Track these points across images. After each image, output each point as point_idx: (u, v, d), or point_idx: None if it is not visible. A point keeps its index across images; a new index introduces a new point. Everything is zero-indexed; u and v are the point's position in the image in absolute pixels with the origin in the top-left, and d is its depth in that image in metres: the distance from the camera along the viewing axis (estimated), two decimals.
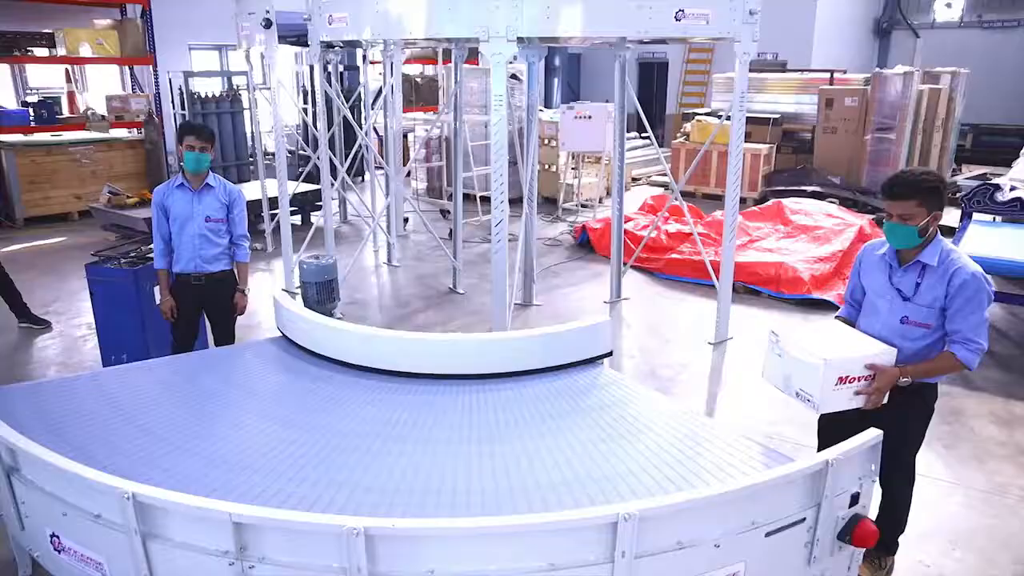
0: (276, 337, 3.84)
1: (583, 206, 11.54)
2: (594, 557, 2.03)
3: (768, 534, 2.21)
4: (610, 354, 3.52)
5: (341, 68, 13.51)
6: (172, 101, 11.78)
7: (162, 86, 11.54)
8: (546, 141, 12.21)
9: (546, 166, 12.24)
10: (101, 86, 12.51)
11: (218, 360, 3.63)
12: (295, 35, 7.44)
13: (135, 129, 11.23)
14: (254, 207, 9.58)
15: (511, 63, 5.36)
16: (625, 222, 9.40)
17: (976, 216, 7.26)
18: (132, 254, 5.20)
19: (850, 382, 2.70)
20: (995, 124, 16.02)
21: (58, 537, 2.38)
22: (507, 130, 5.51)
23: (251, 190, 10.11)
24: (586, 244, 9.25)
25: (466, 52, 7.01)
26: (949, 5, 18.47)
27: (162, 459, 2.72)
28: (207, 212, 4.29)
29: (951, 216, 9.79)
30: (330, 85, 13.78)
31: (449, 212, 11.14)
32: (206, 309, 4.49)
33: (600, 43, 6.66)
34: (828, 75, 13.07)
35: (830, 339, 2.89)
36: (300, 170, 13.23)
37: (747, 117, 13.12)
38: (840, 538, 2.34)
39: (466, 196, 10.71)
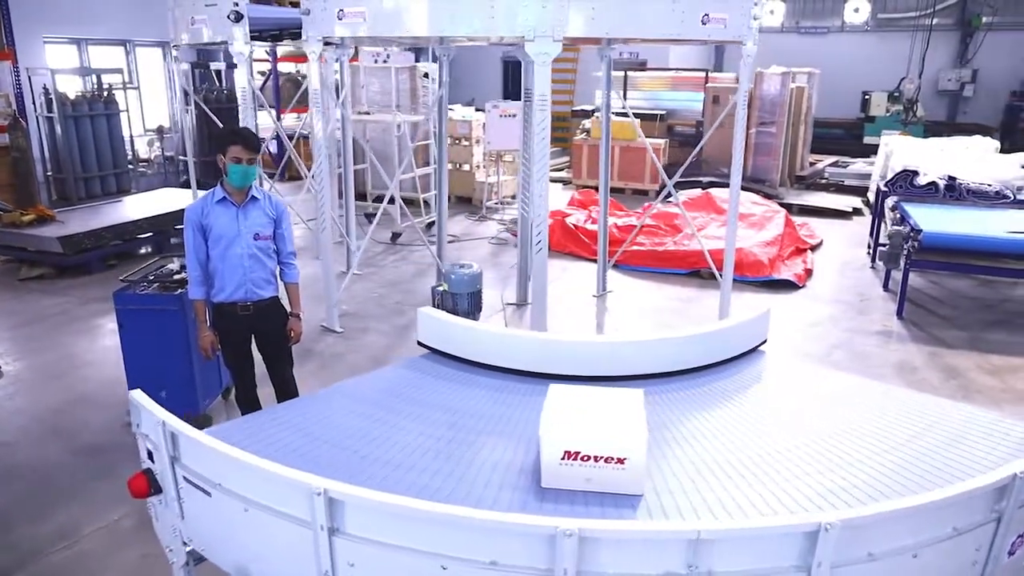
0: (427, 354, 3.58)
1: (502, 204, 11.63)
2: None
3: None
4: (765, 341, 3.71)
5: (224, 67, 12.53)
6: (34, 102, 10.21)
7: (22, 85, 9.95)
8: (457, 140, 12.13)
9: (458, 165, 12.16)
10: None
11: (394, 382, 3.33)
12: (256, 30, 6.77)
13: None
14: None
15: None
16: (563, 218, 9.69)
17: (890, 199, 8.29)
18: (152, 277, 4.56)
19: (583, 461, 2.42)
20: (820, 118, 18.24)
21: None
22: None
23: (159, 202, 9.10)
24: None
25: (453, 52, 6.83)
26: (772, 12, 20.68)
27: (412, 485, 2.52)
28: (255, 229, 3.76)
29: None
30: (219, 84, 12.70)
31: (374, 215, 10.74)
32: (256, 342, 3.96)
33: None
34: (703, 73, 14.21)
35: (596, 409, 2.58)
36: (183, 177, 12.14)
37: (638, 114, 13.81)
38: None
39: (386, 199, 10.39)
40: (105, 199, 9.99)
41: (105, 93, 10.78)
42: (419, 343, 3.62)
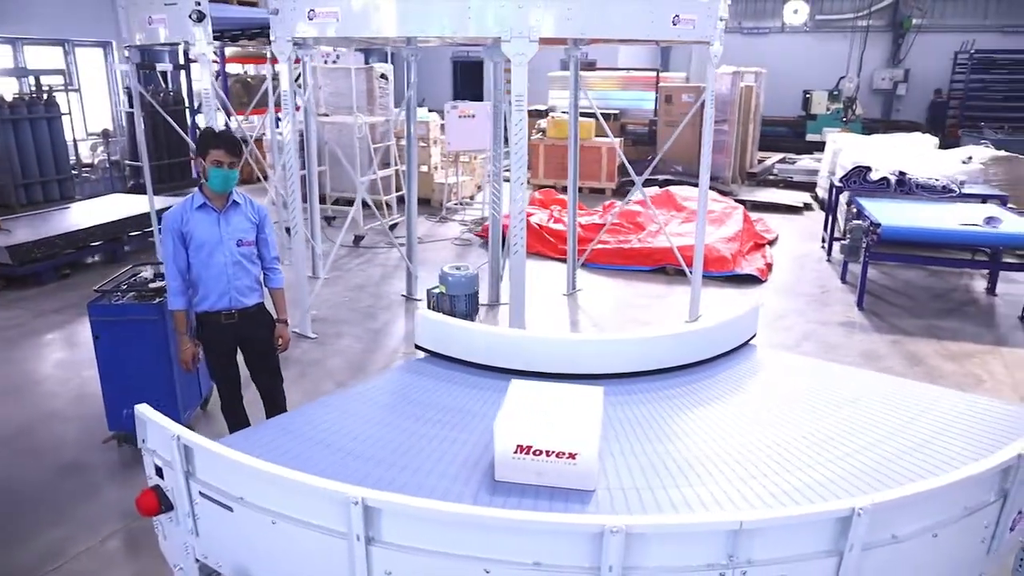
0: (426, 357, 3.54)
1: (461, 204, 11.61)
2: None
3: None
4: (755, 335, 3.80)
5: (171, 67, 12.14)
6: None
7: None
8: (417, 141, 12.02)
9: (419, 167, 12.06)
10: None
11: (393, 386, 3.29)
12: (218, 30, 6.57)
13: None
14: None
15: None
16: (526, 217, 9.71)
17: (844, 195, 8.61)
18: (126, 286, 4.39)
19: (535, 455, 2.44)
20: (765, 116, 18.75)
21: None
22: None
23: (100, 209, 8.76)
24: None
25: (420, 53, 6.77)
26: None
27: (367, 476, 2.54)
28: (238, 235, 3.67)
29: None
30: (165, 86, 12.31)
31: (334, 218, 10.60)
32: (242, 351, 3.87)
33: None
34: (654, 73, 14.44)
35: (553, 404, 2.62)
36: (131, 183, 11.73)
37: (590, 113, 13.94)
38: None
39: (347, 201, 10.26)
40: (48, 206, 9.57)
41: (45, 95, 10.31)
42: (417, 346, 3.59)
